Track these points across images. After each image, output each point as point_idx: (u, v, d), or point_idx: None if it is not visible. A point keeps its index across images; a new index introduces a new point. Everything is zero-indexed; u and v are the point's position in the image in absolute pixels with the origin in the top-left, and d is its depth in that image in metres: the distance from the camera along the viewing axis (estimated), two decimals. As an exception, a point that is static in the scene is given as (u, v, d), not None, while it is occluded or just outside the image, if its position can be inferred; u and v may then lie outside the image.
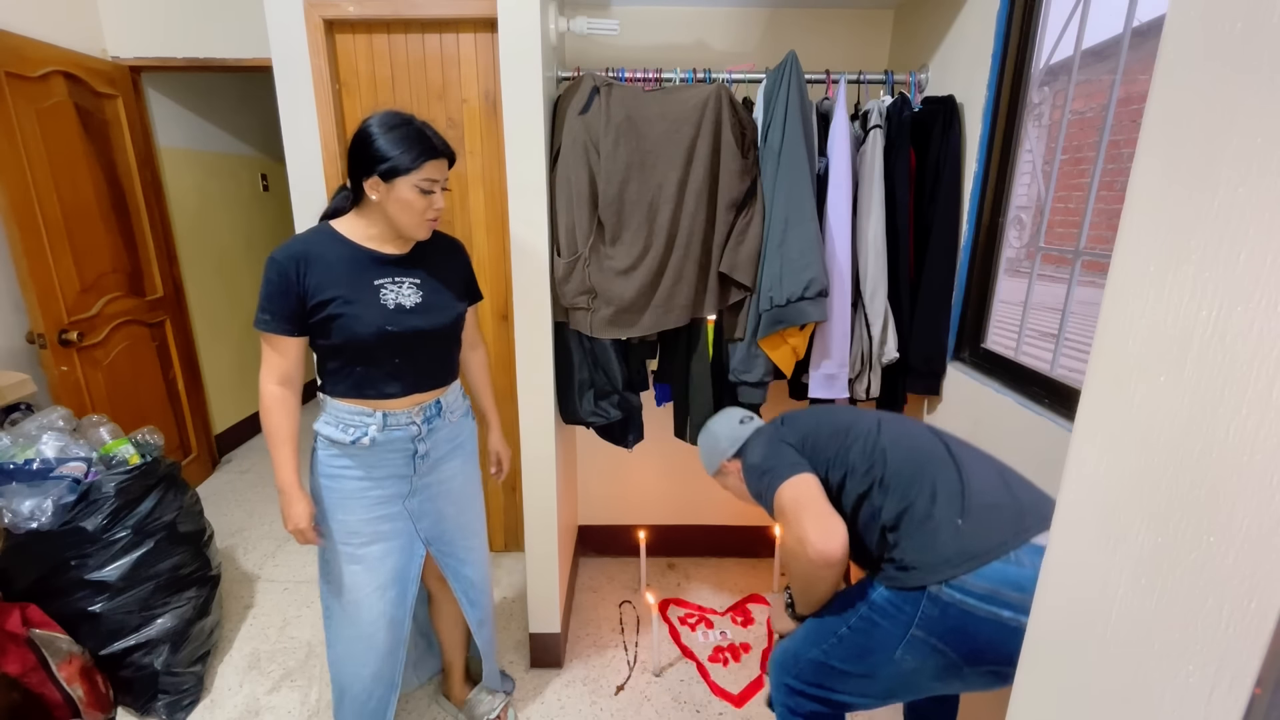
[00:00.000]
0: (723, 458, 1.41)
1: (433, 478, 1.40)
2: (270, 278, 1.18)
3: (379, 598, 1.37)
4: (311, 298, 1.19)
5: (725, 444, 1.41)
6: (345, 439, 1.27)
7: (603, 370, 1.77)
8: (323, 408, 1.31)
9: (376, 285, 1.23)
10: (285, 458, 1.25)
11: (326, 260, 1.21)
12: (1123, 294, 0.46)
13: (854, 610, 1.12)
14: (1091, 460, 0.50)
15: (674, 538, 2.43)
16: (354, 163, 1.20)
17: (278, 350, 1.23)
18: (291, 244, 1.21)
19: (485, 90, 1.98)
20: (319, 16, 1.81)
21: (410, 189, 1.18)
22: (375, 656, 1.40)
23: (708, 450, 1.46)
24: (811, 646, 1.18)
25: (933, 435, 1.20)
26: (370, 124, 1.18)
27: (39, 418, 1.83)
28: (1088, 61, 1.38)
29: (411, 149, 1.16)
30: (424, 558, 1.45)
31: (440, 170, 1.21)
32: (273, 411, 1.24)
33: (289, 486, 1.26)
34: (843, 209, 1.61)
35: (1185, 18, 0.41)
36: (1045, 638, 0.57)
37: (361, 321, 1.21)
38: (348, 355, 1.24)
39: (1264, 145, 0.36)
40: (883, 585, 1.09)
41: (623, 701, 1.80)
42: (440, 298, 1.31)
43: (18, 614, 1.54)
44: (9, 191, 2.03)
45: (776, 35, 2.02)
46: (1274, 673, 0.35)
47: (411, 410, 1.31)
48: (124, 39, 2.48)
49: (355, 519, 1.32)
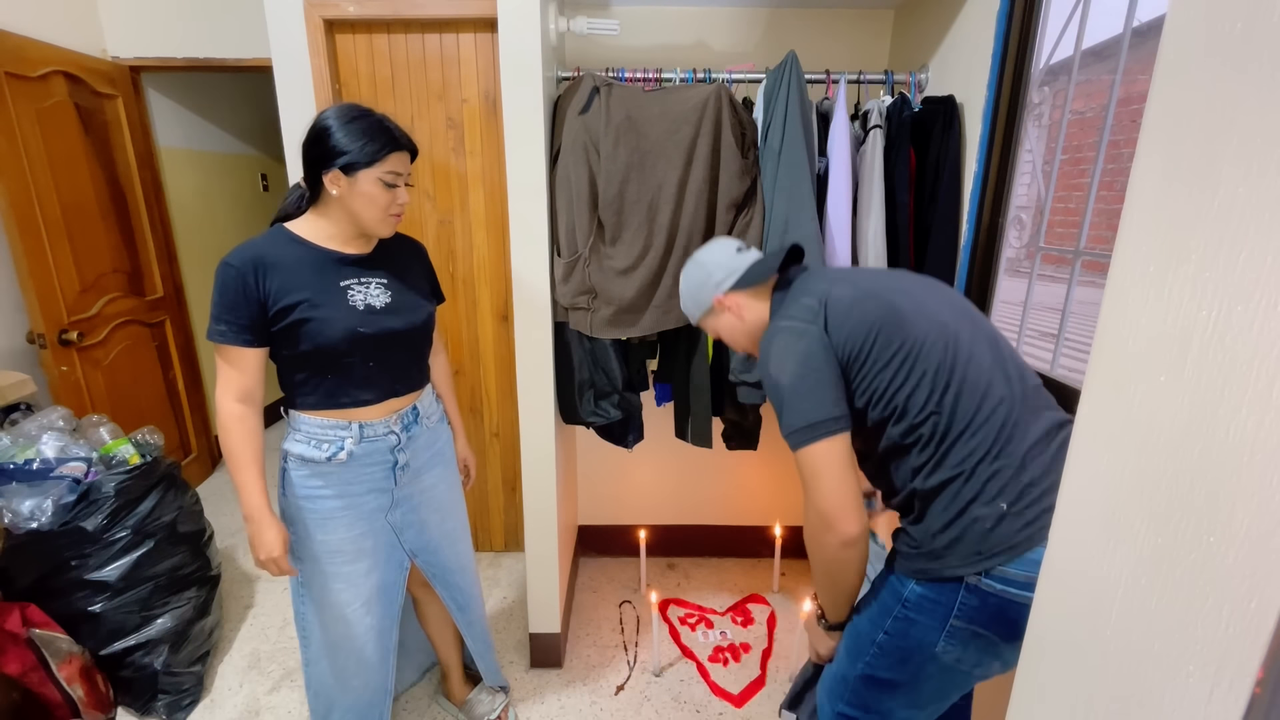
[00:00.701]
0: (717, 292, 1.18)
1: (414, 488, 1.36)
2: (225, 285, 1.09)
3: (365, 613, 1.33)
4: (274, 303, 1.12)
5: (721, 275, 1.18)
6: (320, 455, 1.20)
7: (603, 370, 1.77)
8: (291, 425, 1.23)
9: (343, 286, 1.17)
10: (250, 481, 1.16)
11: (286, 263, 1.13)
12: (1123, 294, 0.46)
13: (888, 613, 1.04)
14: (1091, 460, 0.50)
15: (674, 538, 2.43)
16: (312, 157, 1.13)
17: (235, 365, 1.13)
18: (245, 248, 1.12)
19: (485, 90, 1.98)
20: (319, 16, 1.81)
21: (373, 182, 1.12)
22: (365, 668, 1.38)
23: (695, 285, 1.21)
24: (854, 663, 1.09)
25: (1005, 381, 0.98)
26: (328, 116, 1.12)
27: (39, 418, 1.83)
28: (1088, 61, 1.38)
29: (374, 140, 1.11)
30: (409, 569, 1.42)
31: (403, 163, 1.16)
32: (232, 431, 1.15)
33: (257, 512, 1.16)
34: (843, 209, 1.61)
35: (1185, 18, 0.41)
36: (1045, 638, 0.57)
37: (331, 325, 1.14)
38: (316, 363, 1.17)
39: (1264, 145, 0.36)
40: (913, 581, 1.01)
41: (623, 701, 1.80)
42: (409, 298, 1.26)
43: (18, 614, 1.54)
44: (9, 191, 2.03)
45: (776, 35, 2.02)
46: (1274, 673, 0.35)
47: (389, 419, 1.26)
48: (124, 39, 2.48)
49: (336, 538, 1.26)
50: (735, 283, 1.17)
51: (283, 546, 1.19)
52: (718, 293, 1.18)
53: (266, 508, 1.18)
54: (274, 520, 1.19)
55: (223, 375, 1.15)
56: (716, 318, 1.22)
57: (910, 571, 1.02)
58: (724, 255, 1.19)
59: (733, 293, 1.17)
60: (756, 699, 1.81)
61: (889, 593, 1.05)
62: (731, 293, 1.17)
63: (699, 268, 1.22)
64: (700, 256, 1.23)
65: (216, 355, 1.15)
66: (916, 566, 1.00)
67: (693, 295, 1.23)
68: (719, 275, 1.18)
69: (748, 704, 1.80)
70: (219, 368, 1.15)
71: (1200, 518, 0.40)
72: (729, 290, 1.17)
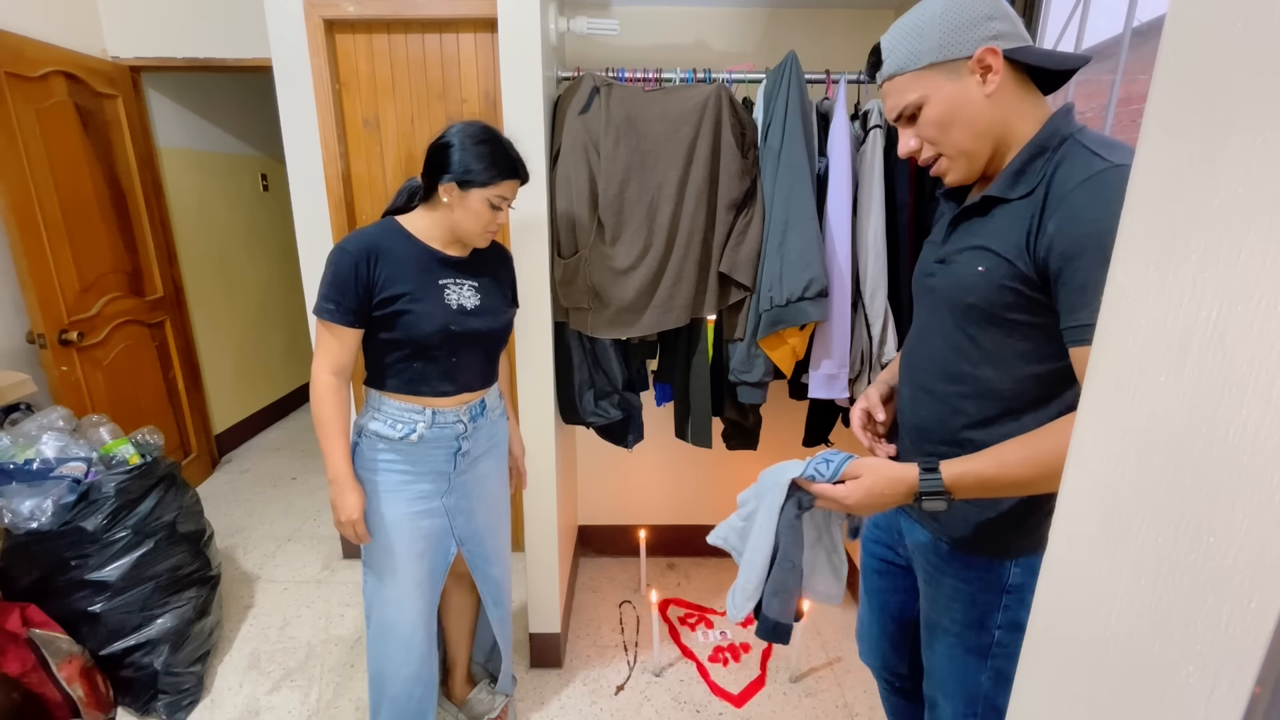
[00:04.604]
0: (988, 42, 0.80)
1: (469, 475, 1.42)
2: (339, 268, 1.20)
3: (417, 596, 1.38)
4: (380, 291, 1.22)
5: (1004, 24, 0.81)
6: (394, 435, 1.29)
7: (603, 370, 1.77)
8: (370, 404, 1.32)
9: (441, 285, 1.27)
10: (338, 449, 1.25)
11: (396, 255, 1.24)
12: (1123, 294, 0.46)
13: (995, 608, 0.91)
14: (1091, 460, 0.50)
15: (674, 538, 2.43)
16: (434, 164, 1.23)
17: (338, 339, 1.23)
18: (361, 235, 1.23)
19: (485, 90, 1.98)
20: (319, 16, 1.81)
21: (482, 201, 1.22)
22: (414, 657, 1.41)
23: (956, 16, 0.82)
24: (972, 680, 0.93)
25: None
26: (459, 133, 1.21)
27: (39, 418, 1.83)
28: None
29: (494, 165, 1.21)
30: (455, 557, 1.45)
31: (513, 190, 1.27)
32: (325, 401, 1.24)
33: (342, 477, 1.26)
34: (843, 209, 1.61)
35: (1185, 18, 0.41)
36: (1045, 638, 0.56)
37: (428, 319, 1.24)
38: (408, 351, 1.26)
39: (1264, 145, 0.36)
40: (1010, 562, 0.89)
41: (623, 701, 1.80)
42: (494, 302, 1.35)
43: (18, 614, 1.54)
44: (9, 191, 2.03)
45: (776, 35, 2.02)
46: (1274, 673, 0.35)
47: (459, 409, 1.34)
48: (124, 39, 2.48)
49: (398, 512, 1.33)
50: (1019, 49, 0.82)
51: (361, 510, 1.27)
52: (991, 44, 0.81)
53: (350, 474, 1.27)
54: (356, 485, 1.28)
55: (322, 348, 1.24)
56: (949, 79, 0.83)
57: (1002, 553, 0.90)
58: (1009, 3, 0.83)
59: (1004, 58, 0.81)
60: (756, 699, 1.81)
61: (981, 589, 0.92)
62: (1003, 57, 0.81)
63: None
64: None
65: (320, 328, 1.23)
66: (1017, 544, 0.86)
67: (940, 26, 0.82)
68: (1002, 25, 0.81)
69: (748, 704, 1.80)
70: (320, 341, 1.24)
71: (1200, 518, 0.39)
72: (1003, 51, 0.81)
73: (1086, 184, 0.75)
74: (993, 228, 0.85)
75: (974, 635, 0.93)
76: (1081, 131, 0.81)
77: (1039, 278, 0.79)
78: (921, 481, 0.83)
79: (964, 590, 0.94)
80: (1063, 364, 0.80)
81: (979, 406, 0.88)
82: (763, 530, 0.94)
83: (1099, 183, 0.74)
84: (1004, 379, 0.86)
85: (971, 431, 0.89)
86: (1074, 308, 0.75)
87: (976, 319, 0.86)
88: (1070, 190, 0.76)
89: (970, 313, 0.87)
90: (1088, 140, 0.79)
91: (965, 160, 0.87)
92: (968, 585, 0.93)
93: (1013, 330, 0.84)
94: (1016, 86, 0.83)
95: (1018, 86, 0.83)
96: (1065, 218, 0.75)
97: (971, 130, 0.84)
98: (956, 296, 0.89)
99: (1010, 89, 0.83)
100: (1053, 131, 0.82)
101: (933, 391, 0.95)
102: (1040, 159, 0.81)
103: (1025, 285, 0.81)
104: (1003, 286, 0.82)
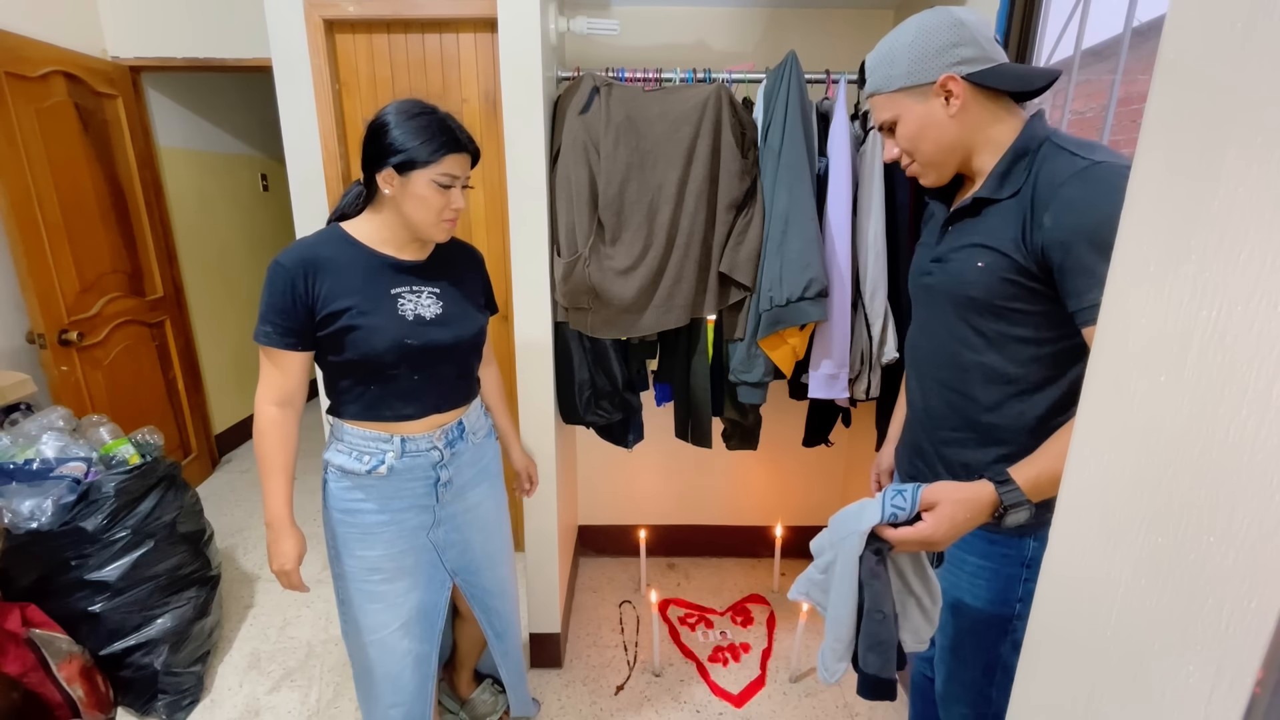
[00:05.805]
0: (950, 70, 0.87)
1: (458, 506, 1.30)
2: (274, 286, 1.07)
3: (403, 635, 1.26)
4: (322, 308, 1.08)
5: (969, 50, 0.88)
6: (360, 468, 1.16)
7: (603, 370, 1.77)
8: (333, 433, 1.21)
9: (394, 294, 1.13)
10: (277, 488, 1.13)
11: (338, 266, 1.10)
12: (1123, 294, 0.46)
13: (1018, 581, 0.94)
14: (1091, 460, 0.50)
15: (674, 538, 2.43)
16: (368, 154, 1.09)
17: (279, 366, 1.11)
18: (298, 248, 1.09)
19: (485, 90, 1.98)
20: (319, 16, 1.81)
21: (427, 184, 1.07)
22: (404, 697, 1.30)
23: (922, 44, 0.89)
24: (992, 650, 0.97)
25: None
26: (388, 112, 1.08)
27: (39, 418, 1.83)
28: (1088, 61, 1.38)
29: (432, 140, 1.06)
30: (452, 589, 1.36)
31: (462, 166, 1.11)
32: (267, 435, 1.13)
33: (278, 521, 1.14)
34: (843, 209, 1.61)
35: (1185, 18, 0.41)
36: (1045, 637, 0.57)
37: (378, 334, 1.10)
38: (361, 373, 1.14)
39: (1264, 145, 0.36)
40: (1029, 539, 0.93)
41: (623, 701, 1.80)
42: (461, 308, 1.21)
43: (18, 614, 1.54)
44: (9, 191, 2.03)
45: (776, 35, 2.02)
46: (1274, 673, 0.35)
47: (432, 434, 1.21)
48: (124, 39, 2.48)
49: (375, 554, 1.21)
50: (982, 71, 0.87)
51: (296, 560, 1.16)
52: (952, 71, 0.88)
53: (288, 517, 1.15)
54: (293, 531, 1.16)
55: (264, 376, 1.13)
56: (918, 101, 0.91)
57: (1020, 529, 0.91)
58: (982, 28, 0.89)
59: (966, 82, 0.88)
60: (756, 699, 1.81)
61: (1003, 564, 0.95)
62: (965, 82, 0.88)
63: (946, 22, 0.88)
64: (958, 13, 0.90)
65: (261, 355, 1.12)
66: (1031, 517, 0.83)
67: (907, 55, 0.90)
68: (967, 50, 0.87)
69: (748, 704, 1.80)
70: (262, 368, 1.13)
71: (1200, 518, 0.39)
72: (965, 76, 0.87)
73: (1075, 179, 0.82)
74: (987, 226, 0.91)
75: (996, 608, 0.98)
76: (1055, 134, 0.88)
77: (1038, 269, 0.85)
78: (1004, 495, 0.81)
79: (987, 568, 0.98)
80: (1062, 345, 0.87)
81: (988, 391, 0.94)
82: (844, 582, 0.87)
83: (1086, 177, 0.81)
84: (1009, 363, 0.91)
85: (984, 415, 0.95)
86: (1080, 291, 0.80)
87: (978, 310, 0.92)
88: (1059, 186, 0.82)
89: (972, 305, 0.93)
90: (1063, 142, 0.87)
91: (935, 169, 0.97)
92: (991, 562, 0.98)
93: (1013, 318, 0.90)
94: (987, 102, 0.91)
95: (988, 102, 0.91)
96: (1060, 210, 0.81)
97: (938, 146, 0.93)
98: (958, 291, 0.94)
99: (978, 107, 0.90)
100: (1030, 136, 0.89)
101: (943, 380, 1.00)
102: (1022, 161, 0.89)
103: (1023, 276, 0.86)
104: (1002, 279, 0.88)
